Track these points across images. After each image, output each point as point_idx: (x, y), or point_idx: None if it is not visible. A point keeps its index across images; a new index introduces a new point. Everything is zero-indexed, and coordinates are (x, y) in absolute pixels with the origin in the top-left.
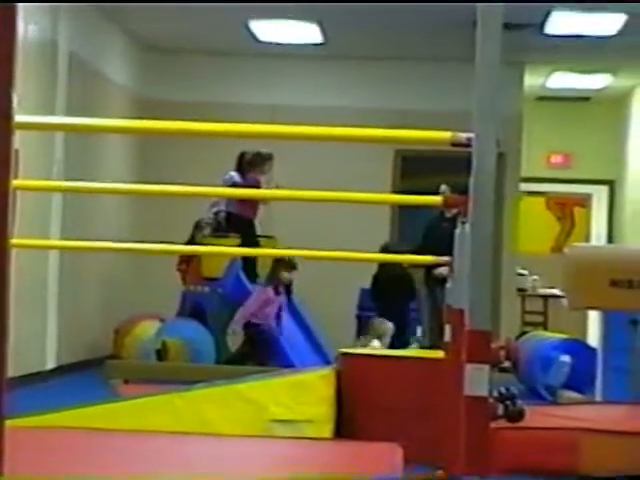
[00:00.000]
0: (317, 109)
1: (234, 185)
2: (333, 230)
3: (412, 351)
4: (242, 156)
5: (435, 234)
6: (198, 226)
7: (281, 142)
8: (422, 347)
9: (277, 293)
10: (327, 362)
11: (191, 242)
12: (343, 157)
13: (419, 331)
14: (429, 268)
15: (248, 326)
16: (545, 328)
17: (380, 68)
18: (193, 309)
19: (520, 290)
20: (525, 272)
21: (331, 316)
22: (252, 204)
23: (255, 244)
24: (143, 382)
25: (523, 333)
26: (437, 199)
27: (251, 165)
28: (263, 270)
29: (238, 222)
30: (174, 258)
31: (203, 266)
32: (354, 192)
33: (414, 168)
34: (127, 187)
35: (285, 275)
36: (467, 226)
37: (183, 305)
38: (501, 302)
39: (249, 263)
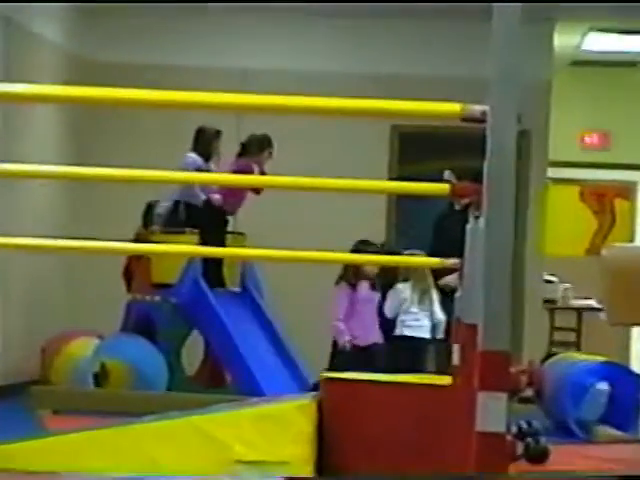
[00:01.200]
0: (296, 74)
1: (198, 171)
2: (315, 226)
3: (413, 376)
4: (200, 133)
5: (447, 231)
6: (148, 218)
7: (252, 115)
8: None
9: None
10: (306, 389)
11: (139, 239)
12: (327, 135)
13: None
14: (437, 276)
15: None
16: (578, 349)
17: (373, 26)
18: (140, 323)
19: (548, 301)
20: (554, 279)
21: (312, 332)
22: (238, 194)
23: (220, 242)
24: (77, 413)
25: (551, 355)
26: (442, 187)
27: (246, 149)
28: (230, 275)
29: (205, 214)
30: (117, 260)
31: (153, 269)
32: (340, 179)
33: (415, 149)
34: (60, 170)
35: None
36: (480, 221)
37: (127, 318)
38: (524, 316)
39: (212, 266)
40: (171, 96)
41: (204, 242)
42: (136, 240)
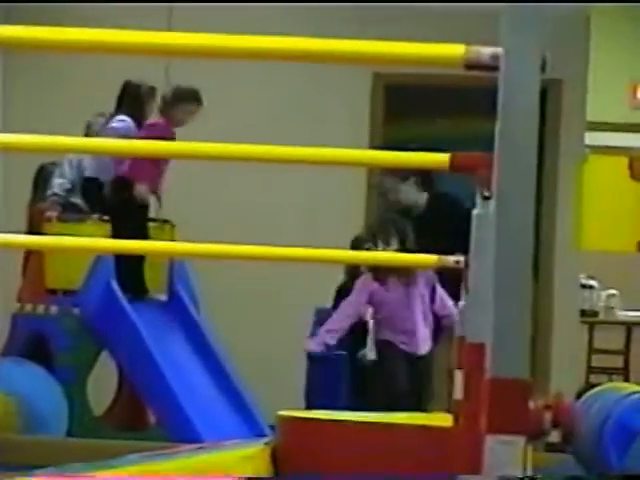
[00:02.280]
0: (239, 9)
1: (127, 137)
2: (272, 212)
3: (404, 415)
4: (130, 90)
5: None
6: (39, 192)
7: (185, 63)
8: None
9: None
10: (258, 432)
11: (32, 230)
12: (287, 89)
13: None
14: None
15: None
16: (627, 378)
17: None
18: (30, 343)
19: (586, 313)
20: (594, 283)
21: (266, 358)
22: (155, 166)
23: (140, 233)
24: None
25: (591, 386)
26: (439, 158)
27: (167, 106)
28: (153, 277)
29: (116, 194)
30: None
31: (48, 270)
32: (305, 147)
33: (405, 106)
34: None
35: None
36: (491, 204)
37: (13, 336)
38: (551, 333)
39: (128, 265)
40: (78, 35)
41: (117, 233)
42: (30, 226)
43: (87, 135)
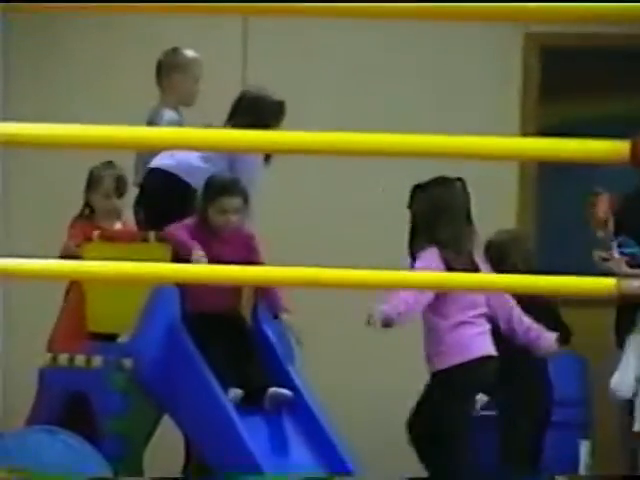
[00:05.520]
0: None
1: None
2: (377, 221)
3: None
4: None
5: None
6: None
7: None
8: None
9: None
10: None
11: (68, 255)
12: (408, 52)
13: (583, 448)
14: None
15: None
16: None
17: None
18: (66, 405)
19: None
20: None
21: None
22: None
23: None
24: None
25: None
26: (615, 146)
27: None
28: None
29: (171, 199)
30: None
31: (89, 309)
32: (433, 134)
33: (568, 78)
34: None
35: None
36: None
37: (43, 396)
38: None
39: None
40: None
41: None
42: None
43: None
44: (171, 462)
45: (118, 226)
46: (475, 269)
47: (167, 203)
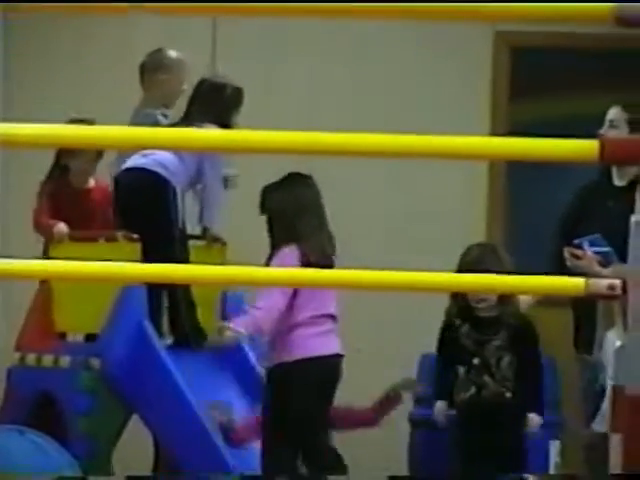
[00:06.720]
0: None
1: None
2: (359, 223)
3: None
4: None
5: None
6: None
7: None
8: None
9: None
10: None
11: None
12: (378, 58)
13: (552, 448)
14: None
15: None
16: None
17: None
18: (33, 405)
19: None
20: None
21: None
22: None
23: (180, 255)
24: None
25: None
26: (584, 145)
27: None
28: (206, 318)
29: (144, 198)
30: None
31: (57, 309)
32: (404, 134)
33: (537, 76)
34: None
35: None
36: None
37: (10, 396)
38: None
39: (176, 302)
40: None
41: (147, 255)
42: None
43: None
44: (141, 461)
45: (92, 184)
46: (331, 265)
47: (145, 200)
